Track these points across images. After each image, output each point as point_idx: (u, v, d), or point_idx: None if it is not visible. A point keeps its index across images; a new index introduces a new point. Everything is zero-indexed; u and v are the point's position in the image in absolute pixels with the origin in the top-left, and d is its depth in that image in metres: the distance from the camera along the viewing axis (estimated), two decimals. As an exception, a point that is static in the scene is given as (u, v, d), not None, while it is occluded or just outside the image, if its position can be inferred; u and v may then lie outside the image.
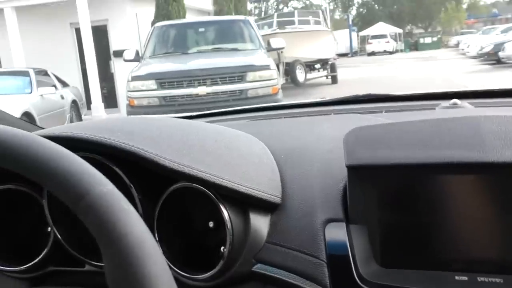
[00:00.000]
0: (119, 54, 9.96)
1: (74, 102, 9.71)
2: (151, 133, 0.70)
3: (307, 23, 15.08)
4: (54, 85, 9.04)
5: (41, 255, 0.72)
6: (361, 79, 14.59)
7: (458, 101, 1.03)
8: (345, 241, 0.65)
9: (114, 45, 11.94)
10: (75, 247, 0.72)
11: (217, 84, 6.59)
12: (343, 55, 30.13)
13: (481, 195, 0.62)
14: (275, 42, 8.05)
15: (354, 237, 0.65)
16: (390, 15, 43.86)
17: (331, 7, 46.97)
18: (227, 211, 0.66)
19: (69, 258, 0.73)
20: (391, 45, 33.42)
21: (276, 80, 6.86)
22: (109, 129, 0.68)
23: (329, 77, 14.41)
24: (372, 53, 32.84)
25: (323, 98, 1.41)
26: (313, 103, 1.35)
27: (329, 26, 16.93)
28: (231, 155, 0.73)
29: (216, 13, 15.30)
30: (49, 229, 0.72)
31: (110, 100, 12.08)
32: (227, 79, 6.61)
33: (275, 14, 17.01)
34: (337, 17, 48.04)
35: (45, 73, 9.26)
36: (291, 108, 1.34)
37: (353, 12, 49.46)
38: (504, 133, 0.61)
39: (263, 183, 0.71)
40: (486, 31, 25.05)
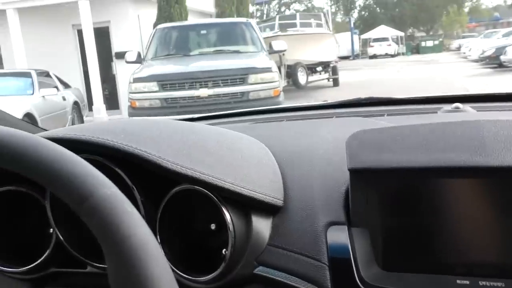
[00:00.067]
0: (121, 55, 9.98)
1: (75, 103, 9.71)
2: (153, 135, 0.70)
3: (309, 25, 15.08)
4: (56, 87, 9.05)
5: (43, 256, 0.72)
6: (363, 82, 14.59)
7: (460, 105, 1.03)
8: (346, 244, 0.65)
9: (116, 47, 11.95)
10: (77, 248, 0.72)
11: (219, 86, 6.60)
12: (345, 58, 30.15)
13: (483, 199, 0.62)
14: (277, 45, 8.05)
15: (355, 240, 0.65)
16: (392, 18, 43.89)
17: (333, 10, 47.06)
18: (229, 213, 0.66)
19: (71, 259, 0.73)
20: (392, 48, 33.45)
21: (277, 83, 6.87)
22: (111, 131, 0.68)
23: (330, 79, 14.42)
24: (374, 56, 32.87)
25: (325, 101, 1.41)
26: (315, 106, 1.35)
27: (331, 29, 16.94)
28: (233, 157, 0.73)
29: (218, 15, 15.31)
30: (51, 230, 0.72)
31: (111, 101, 12.09)
32: (229, 81, 6.62)
33: (277, 17, 17.02)
34: (339, 20, 48.05)
35: (47, 75, 9.27)
36: (293, 111, 1.34)
37: (355, 15, 49.56)
38: (506, 137, 0.61)
39: (265, 185, 0.71)
40: (487, 34, 25.07)
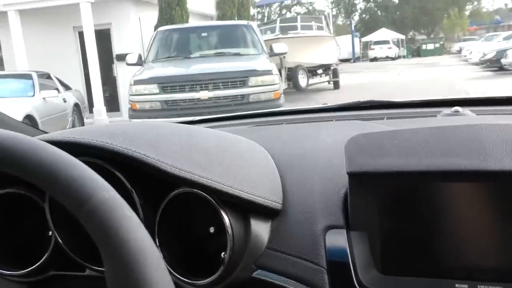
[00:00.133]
0: (122, 58, 10.00)
1: (76, 105, 9.72)
2: (152, 138, 0.70)
3: (309, 28, 15.09)
4: (56, 88, 9.06)
5: (42, 259, 0.72)
6: (363, 85, 14.60)
7: (459, 109, 1.03)
8: (345, 248, 0.65)
9: (117, 49, 11.97)
10: (76, 251, 0.72)
11: (219, 89, 6.60)
12: (346, 60, 30.15)
13: (481, 203, 0.62)
14: (278, 47, 8.05)
15: (354, 244, 0.65)
16: (392, 21, 43.89)
17: (334, 13, 47.03)
18: (228, 216, 0.66)
19: (69, 262, 0.73)
20: (393, 51, 33.44)
21: (278, 85, 6.87)
22: (110, 134, 0.68)
23: (331, 82, 14.42)
24: (375, 59, 32.86)
25: (325, 104, 1.41)
26: (315, 109, 1.35)
27: (332, 31, 16.94)
28: (232, 160, 0.73)
29: (219, 18, 15.30)
30: (50, 233, 0.72)
31: (112, 103, 12.09)
32: (229, 83, 6.61)
33: (278, 19, 17.06)
34: (339, 22, 48.10)
35: (48, 76, 9.29)
36: (292, 114, 1.34)
37: (356, 18, 49.55)
38: (505, 141, 0.61)
39: (264, 189, 0.71)
40: (488, 37, 25.05)
